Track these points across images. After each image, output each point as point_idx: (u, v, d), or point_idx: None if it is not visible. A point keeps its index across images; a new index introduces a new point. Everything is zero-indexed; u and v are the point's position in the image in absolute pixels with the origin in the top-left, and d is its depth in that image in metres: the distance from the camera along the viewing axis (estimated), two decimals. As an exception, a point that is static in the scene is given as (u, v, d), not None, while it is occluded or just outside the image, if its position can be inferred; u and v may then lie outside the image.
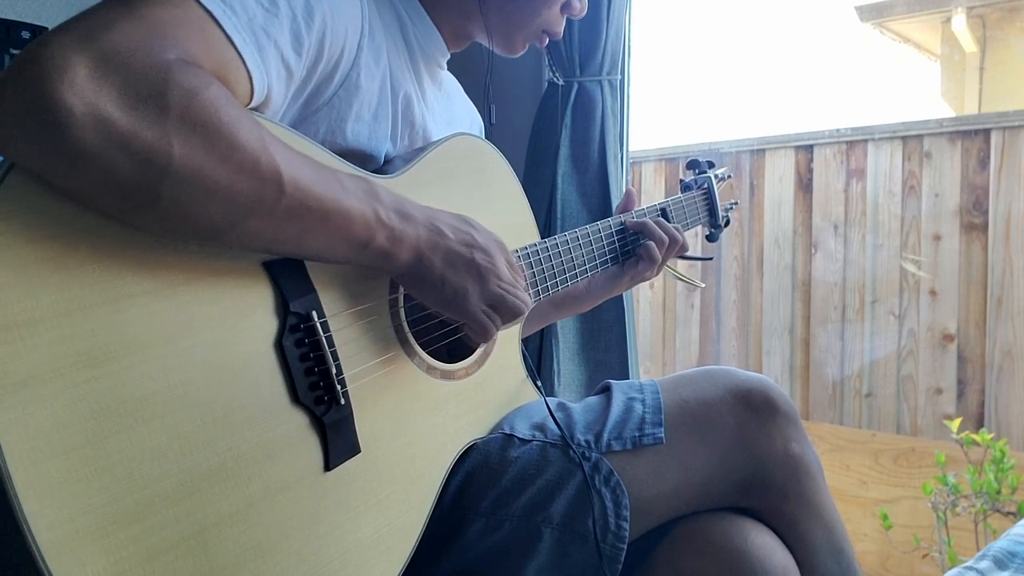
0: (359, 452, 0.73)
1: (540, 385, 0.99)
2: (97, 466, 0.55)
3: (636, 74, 1.78)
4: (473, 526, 0.86)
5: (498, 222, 0.97)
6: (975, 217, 2.21)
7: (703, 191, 1.28)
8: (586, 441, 0.87)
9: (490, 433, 0.92)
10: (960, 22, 3.71)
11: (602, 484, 0.84)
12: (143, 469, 0.57)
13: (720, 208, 1.30)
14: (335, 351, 0.71)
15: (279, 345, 0.67)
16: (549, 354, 1.63)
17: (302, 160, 0.64)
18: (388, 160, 0.88)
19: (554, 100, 1.66)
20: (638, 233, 1.10)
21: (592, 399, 0.97)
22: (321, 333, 0.69)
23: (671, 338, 2.82)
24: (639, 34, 1.78)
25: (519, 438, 0.89)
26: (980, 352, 2.19)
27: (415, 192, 0.85)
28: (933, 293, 2.27)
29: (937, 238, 2.27)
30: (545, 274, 0.96)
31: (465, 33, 1.00)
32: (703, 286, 2.71)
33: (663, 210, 1.16)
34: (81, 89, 0.51)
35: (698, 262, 2.64)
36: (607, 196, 1.62)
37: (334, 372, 0.70)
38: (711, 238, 1.34)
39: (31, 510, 0.51)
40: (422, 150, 0.89)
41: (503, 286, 0.80)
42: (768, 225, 2.59)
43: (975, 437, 2.02)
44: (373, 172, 0.82)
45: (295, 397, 0.67)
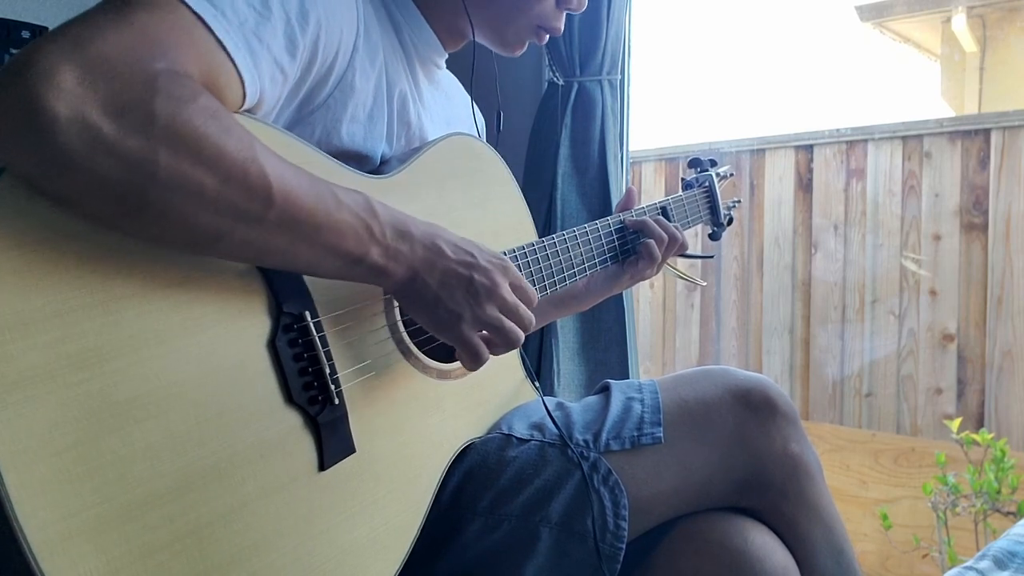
0: (354, 452, 0.73)
1: (538, 384, 0.98)
2: (90, 466, 0.55)
3: (636, 74, 1.78)
4: (471, 526, 0.85)
5: (495, 221, 0.97)
6: (975, 217, 2.21)
7: (704, 189, 1.28)
8: (584, 441, 0.87)
9: (488, 433, 0.92)
10: (960, 22, 3.71)
11: (601, 484, 0.84)
12: (136, 469, 0.57)
13: (722, 206, 1.30)
14: (328, 351, 0.71)
15: (272, 345, 0.66)
16: (549, 354, 1.63)
17: (294, 171, 0.63)
18: (384, 160, 0.88)
19: (554, 100, 1.66)
20: (638, 232, 1.10)
21: (591, 399, 0.97)
22: (314, 333, 0.69)
23: (671, 338, 2.82)
24: (639, 34, 1.78)
25: (517, 438, 0.89)
26: (980, 352, 2.19)
27: (410, 192, 0.84)
28: (933, 293, 2.26)
29: (937, 238, 2.27)
30: (543, 273, 0.95)
31: (457, 31, 0.99)
32: (704, 284, 2.70)
33: (664, 208, 1.16)
34: (67, 95, 0.51)
35: (699, 261, 2.64)
36: (607, 196, 1.62)
37: (328, 372, 0.70)
38: (713, 236, 1.34)
39: (24, 511, 0.51)
40: (417, 150, 0.89)
41: (503, 311, 0.77)
42: (768, 225, 2.59)
43: (975, 437, 2.02)
44: (369, 173, 0.81)
45: (289, 397, 0.67)
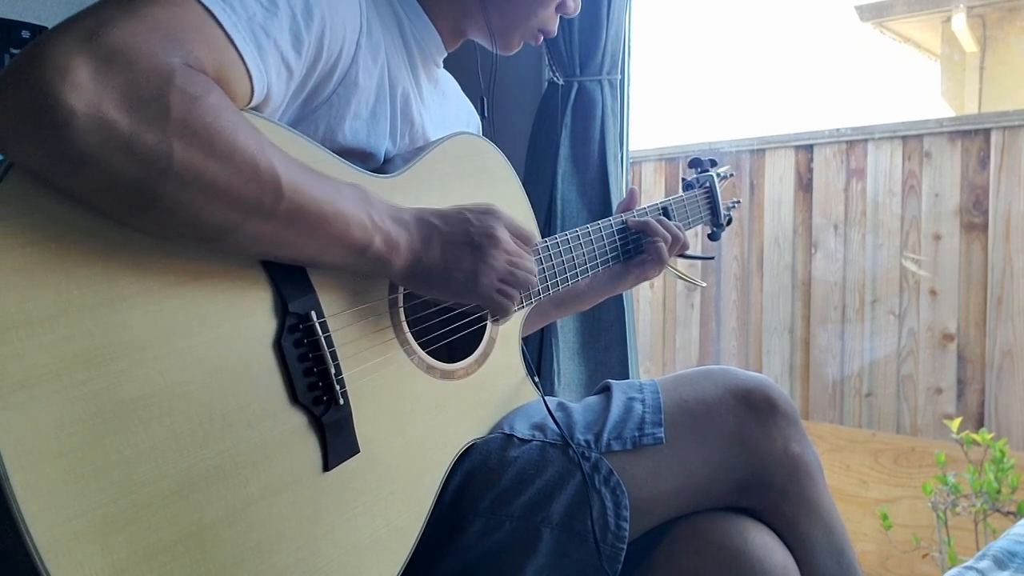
0: (358, 452, 0.73)
1: (539, 384, 0.99)
2: (95, 467, 0.55)
3: (636, 74, 1.78)
4: (473, 526, 0.85)
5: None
6: (975, 217, 2.21)
7: (705, 190, 1.28)
8: (586, 441, 0.87)
9: (490, 433, 0.92)
10: (960, 22, 3.71)
11: (602, 484, 0.84)
12: (141, 470, 0.57)
13: (722, 207, 1.30)
14: (334, 351, 0.71)
15: (278, 345, 0.67)
16: (549, 354, 1.63)
17: (299, 165, 0.65)
18: (388, 159, 0.88)
19: (554, 100, 1.66)
20: (640, 232, 1.11)
21: (592, 399, 0.97)
22: (320, 333, 0.69)
23: (671, 338, 2.82)
24: (639, 34, 1.78)
25: (519, 438, 0.89)
26: (980, 352, 2.19)
27: (415, 192, 0.85)
28: (933, 293, 2.27)
29: (937, 238, 2.27)
30: (546, 272, 0.96)
31: (461, 31, 1.00)
32: (704, 285, 2.70)
33: (665, 209, 1.16)
34: (84, 90, 0.51)
35: (698, 261, 2.64)
36: (607, 196, 1.62)
37: (333, 372, 0.70)
38: (713, 237, 1.34)
39: (29, 511, 0.51)
40: (422, 149, 0.89)
41: (510, 259, 0.80)
42: (768, 225, 2.59)
43: (975, 437, 2.02)
44: (373, 171, 0.82)
45: (294, 397, 0.67)
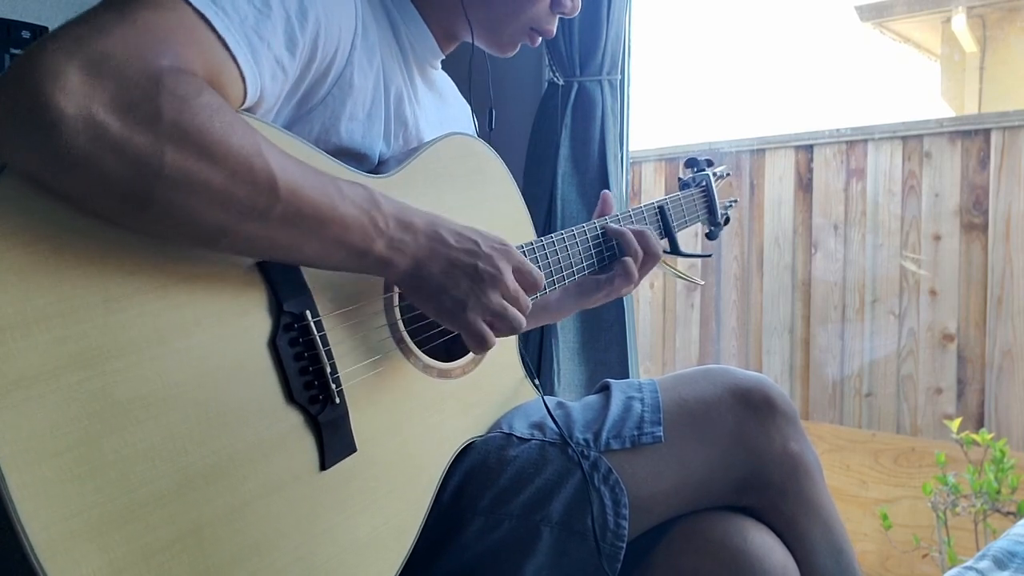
0: (355, 451, 0.73)
1: (538, 383, 0.98)
2: (91, 466, 0.55)
3: (636, 74, 1.78)
4: (472, 525, 0.85)
5: (492, 221, 0.97)
6: (975, 217, 2.21)
7: (702, 189, 1.28)
8: (585, 440, 0.87)
9: (488, 432, 0.92)
10: (960, 22, 3.71)
11: (601, 483, 0.84)
12: (137, 469, 0.57)
13: (719, 206, 1.29)
14: (329, 350, 0.71)
15: (273, 345, 0.67)
16: (549, 354, 1.63)
17: (298, 166, 0.64)
18: (382, 160, 0.88)
19: (554, 100, 1.66)
20: (616, 240, 1.04)
21: (591, 398, 0.97)
22: (315, 332, 0.69)
23: (671, 338, 2.82)
24: (639, 34, 1.78)
25: (518, 437, 0.89)
26: (980, 352, 2.19)
27: (409, 192, 0.84)
28: (933, 293, 2.27)
29: (937, 238, 2.27)
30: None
31: (453, 32, 0.99)
32: (702, 283, 2.70)
33: (662, 208, 1.15)
34: (74, 94, 0.51)
35: (698, 260, 2.64)
36: (607, 196, 1.62)
37: (328, 371, 0.70)
38: (711, 236, 1.34)
39: (25, 511, 0.51)
40: (415, 150, 0.89)
41: (506, 298, 0.78)
42: (768, 225, 2.59)
43: (975, 437, 2.02)
44: (367, 172, 0.82)
45: (290, 396, 0.67)
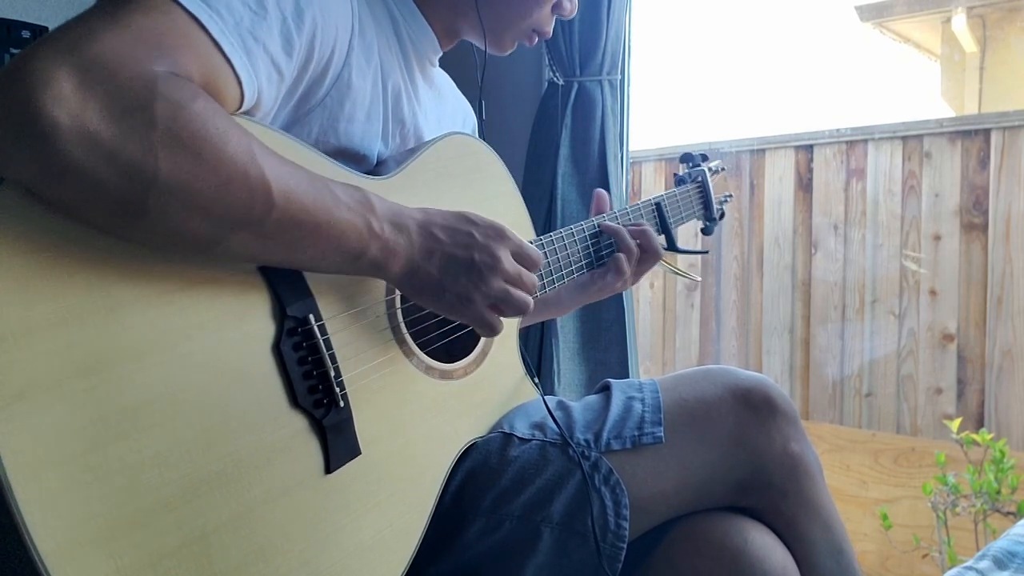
0: (359, 454, 0.73)
1: (538, 383, 0.99)
2: (97, 474, 0.55)
3: (636, 74, 1.78)
4: (473, 526, 0.86)
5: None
6: (975, 217, 2.21)
7: (697, 184, 1.28)
8: (585, 440, 0.87)
9: (489, 432, 0.92)
10: (960, 22, 3.71)
11: (601, 483, 0.84)
12: (144, 476, 0.57)
13: (715, 200, 1.30)
14: (333, 353, 0.71)
15: (277, 349, 0.67)
16: (549, 354, 1.63)
17: (293, 171, 0.63)
18: (381, 161, 0.88)
19: (554, 100, 1.66)
20: (612, 237, 1.05)
21: (591, 398, 0.97)
22: (319, 336, 0.69)
23: (671, 338, 2.82)
24: (639, 34, 1.78)
25: (518, 437, 0.89)
26: (980, 352, 2.19)
27: (409, 193, 0.85)
28: (933, 293, 2.27)
29: (937, 238, 2.27)
30: (542, 272, 0.95)
31: (455, 30, 0.99)
32: (699, 280, 2.70)
33: (658, 204, 1.16)
34: (66, 102, 0.51)
35: (697, 257, 2.64)
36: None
37: (332, 375, 0.70)
38: (706, 231, 1.34)
39: (33, 520, 0.51)
40: (415, 150, 0.89)
41: (508, 282, 0.78)
42: (768, 225, 2.59)
43: (975, 437, 2.02)
44: (366, 173, 0.82)
45: (294, 401, 0.67)
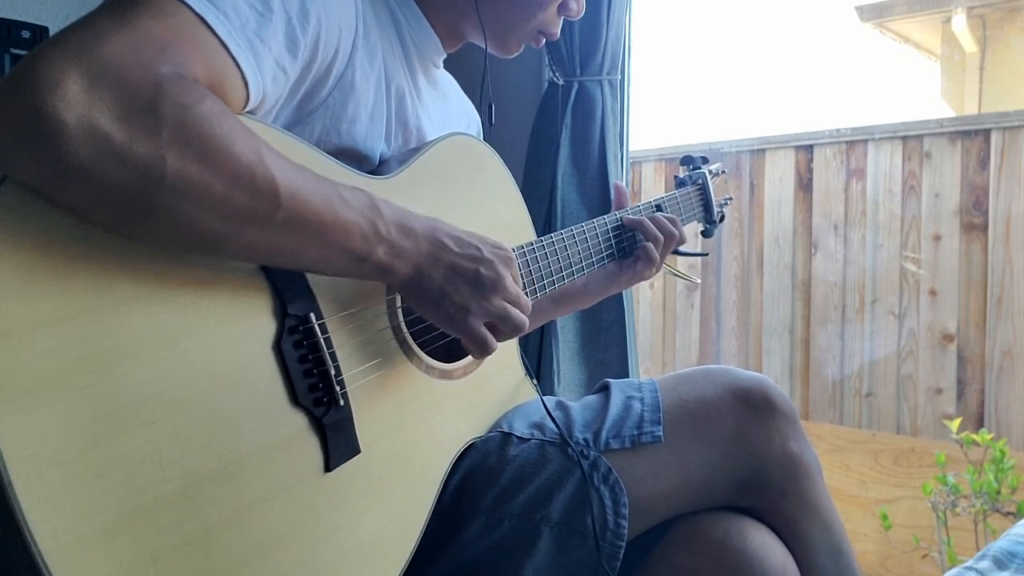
0: (359, 453, 0.73)
1: (537, 383, 0.99)
2: (99, 471, 0.55)
3: (636, 74, 1.78)
4: (472, 525, 0.86)
5: (494, 221, 0.98)
6: (975, 217, 2.21)
7: (698, 187, 1.28)
8: (584, 439, 0.87)
9: (489, 432, 0.92)
10: (960, 22, 3.71)
11: (601, 482, 0.85)
12: (144, 473, 0.57)
13: (715, 203, 1.30)
14: (333, 352, 0.72)
15: (277, 347, 0.67)
16: (549, 354, 1.64)
17: (300, 172, 0.64)
18: (383, 161, 0.88)
19: (554, 100, 1.66)
20: (634, 230, 1.10)
21: (591, 398, 0.97)
22: (319, 335, 0.70)
23: (671, 338, 2.82)
24: (639, 34, 1.78)
25: (518, 436, 0.89)
26: (980, 352, 2.19)
27: (410, 193, 0.85)
28: (933, 293, 2.27)
29: (937, 238, 2.27)
30: (542, 272, 0.96)
31: (459, 32, 0.99)
32: (699, 282, 2.70)
33: (659, 207, 1.16)
34: (74, 103, 0.51)
35: (697, 259, 2.64)
36: (607, 196, 1.62)
37: (333, 373, 0.70)
38: (706, 233, 1.34)
39: (33, 517, 0.51)
40: (417, 150, 0.89)
41: (509, 301, 0.78)
42: (768, 225, 2.59)
43: (975, 437, 2.02)
44: (368, 173, 0.82)
45: (294, 399, 0.68)
